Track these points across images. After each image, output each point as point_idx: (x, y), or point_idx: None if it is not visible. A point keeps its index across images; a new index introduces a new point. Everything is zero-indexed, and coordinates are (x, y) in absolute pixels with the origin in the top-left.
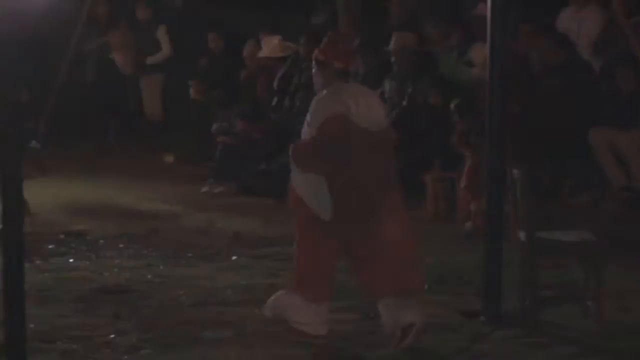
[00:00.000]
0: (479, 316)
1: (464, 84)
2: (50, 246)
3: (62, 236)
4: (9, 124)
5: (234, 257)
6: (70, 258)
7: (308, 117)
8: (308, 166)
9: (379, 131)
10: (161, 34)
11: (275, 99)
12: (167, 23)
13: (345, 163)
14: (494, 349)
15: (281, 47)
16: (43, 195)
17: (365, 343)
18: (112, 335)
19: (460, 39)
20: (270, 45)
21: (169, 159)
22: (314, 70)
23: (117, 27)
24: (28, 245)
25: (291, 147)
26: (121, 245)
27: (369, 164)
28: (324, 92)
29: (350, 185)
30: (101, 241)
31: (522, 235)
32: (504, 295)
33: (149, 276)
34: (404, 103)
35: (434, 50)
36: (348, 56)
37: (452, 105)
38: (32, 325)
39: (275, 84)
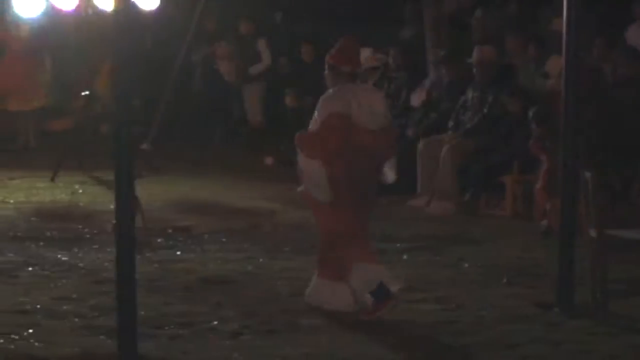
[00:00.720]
0: (554, 307)
1: (541, 93)
2: (159, 240)
3: (170, 231)
4: (123, 127)
5: None
6: (178, 251)
7: (315, 112)
8: (311, 154)
9: (379, 129)
10: (262, 46)
11: None
12: (268, 36)
13: (343, 156)
14: (567, 337)
15: (373, 58)
16: (153, 193)
17: (449, 332)
18: (215, 322)
19: (537, 52)
20: (363, 56)
21: (269, 161)
22: (325, 72)
23: (223, 40)
24: (139, 239)
25: (297, 136)
26: (224, 240)
27: (364, 160)
28: (331, 90)
29: (346, 176)
30: (206, 235)
31: (593, 232)
32: (577, 288)
33: (249, 268)
34: (485, 111)
35: (513, 62)
36: (354, 60)
37: (529, 113)
38: (142, 312)
39: None
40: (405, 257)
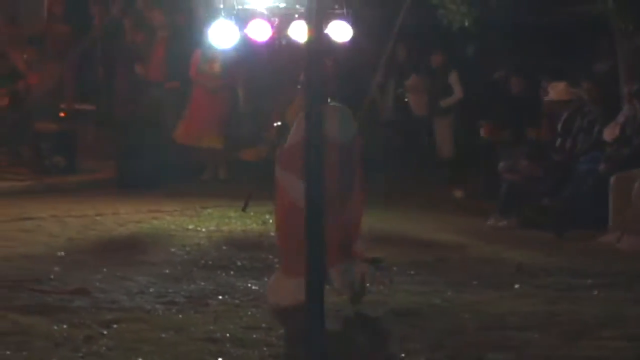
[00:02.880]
0: None
1: None
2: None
3: None
4: (314, 158)
5: (516, 286)
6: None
7: (294, 127)
8: (286, 167)
9: (347, 142)
10: (453, 78)
11: (558, 140)
12: (459, 69)
13: None
14: None
15: (567, 92)
16: None
17: None
18: (402, 355)
19: None
20: (557, 90)
21: (458, 193)
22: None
23: (414, 72)
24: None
25: (279, 151)
26: (412, 272)
27: (333, 173)
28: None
29: None
30: (394, 267)
31: None
32: None
33: (437, 301)
34: None
35: None
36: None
37: None
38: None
39: (559, 126)
40: (595, 292)
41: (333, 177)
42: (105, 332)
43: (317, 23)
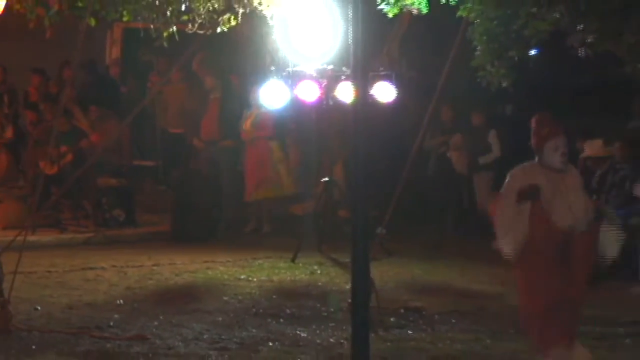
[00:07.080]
0: None
1: None
2: (391, 319)
3: (402, 311)
4: (359, 213)
5: None
6: (409, 330)
7: None
8: None
9: None
10: (492, 137)
11: (593, 196)
12: (498, 127)
13: None
14: None
15: (603, 149)
16: (387, 274)
17: None
18: None
19: None
20: (593, 147)
21: (496, 245)
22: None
23: (459, 131)
24: (373, 318)
25: None
26: (453, 321)
27: None
28: None
29: None
30: (436, 316)
31: None
32: None
33: (478, 348)
34: None
35: None
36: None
37: None
38: None
39: (594, 182)
40: (627, 341)
41: None
42: None
43: (362, 84)
